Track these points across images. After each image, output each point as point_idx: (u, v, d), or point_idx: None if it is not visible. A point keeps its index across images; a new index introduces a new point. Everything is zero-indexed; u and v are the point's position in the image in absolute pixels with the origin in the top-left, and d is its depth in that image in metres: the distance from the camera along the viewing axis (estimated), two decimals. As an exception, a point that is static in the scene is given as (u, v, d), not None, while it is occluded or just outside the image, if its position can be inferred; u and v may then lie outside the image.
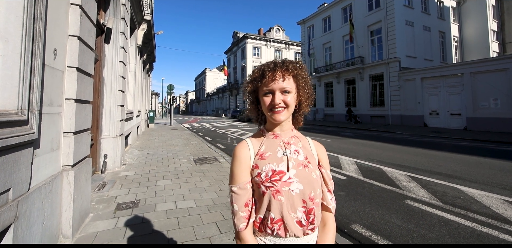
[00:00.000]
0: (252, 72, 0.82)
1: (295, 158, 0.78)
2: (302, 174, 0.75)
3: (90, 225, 2.22)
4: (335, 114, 19.32)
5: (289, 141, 0.81)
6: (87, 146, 2.46)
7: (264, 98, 0.77)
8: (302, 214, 0.73)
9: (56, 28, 1.86)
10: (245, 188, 0.74)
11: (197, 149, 6.51)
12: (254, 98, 0.83)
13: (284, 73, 0.76)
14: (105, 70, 4.24)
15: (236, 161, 0.77)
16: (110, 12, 4.39)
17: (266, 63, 0.80)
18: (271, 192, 0.72)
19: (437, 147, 6.92)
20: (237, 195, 0.73)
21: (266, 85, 0.76)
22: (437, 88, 12.80)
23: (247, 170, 0.76)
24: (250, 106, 0.86)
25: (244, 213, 0.73)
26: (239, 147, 0.80)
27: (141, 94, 10.48)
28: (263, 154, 0.78)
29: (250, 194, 0.75)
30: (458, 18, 18.83)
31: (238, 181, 0.75)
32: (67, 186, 1.97)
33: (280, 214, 0.71)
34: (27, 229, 1.43)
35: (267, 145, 0.80)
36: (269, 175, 0.73)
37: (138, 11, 7.07)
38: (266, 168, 0.75)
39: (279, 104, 0.74)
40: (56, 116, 1.91)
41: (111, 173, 3.98)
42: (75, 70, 2.13)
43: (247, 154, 0.78)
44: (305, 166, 0.77)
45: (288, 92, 0.76)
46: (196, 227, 2.23)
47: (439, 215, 2.61)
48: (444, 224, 2.43)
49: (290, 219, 0.71)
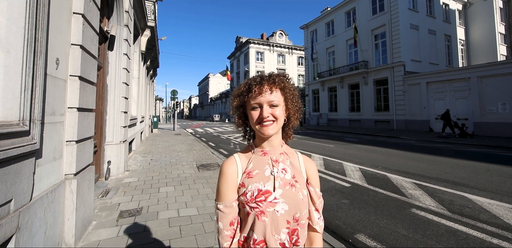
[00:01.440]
0: (238, 86, 0.81)
1: (282, 177, 0.75)
2: (289, 194, 0.73)
3: (92, 233, 2.22)
4: (339, 119, 19.20)
5: (277, 159, 0.78)
6: (90, 154, 2.48)
7: (252, 112, 0.75)
8: (286, 236, 0.71)
9: (58, 38, 1.90)
10: (231, 206, 0.73)
11: (200, 155, 6.51)
12: (241, 113, 0.81)
13: (271, 86, 0.75)
14: (108, 77, 4.31)
15: (223, 178, 0.76)
16: (113, 19, 4.49)
17: (252, 77, 0.79)
18: (255, 213, 0.70)
19: (443, 153, 6.78)
20: (222, 213, 0.72)
21: (253, 99, 0.74)
22: (443, 92, 12.64)
23: (233, 188, 0.75)
24: (237, 122, 0.83)
25: (229, 232, 0.72)
26: (227, 164, 0.78)
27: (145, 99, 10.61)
28: (250, 172, 0.76)
29: (235, 213, 0.74)
30: (464, 21, 18.71)
31: (224, 199, 0.73)
32: (70, 194, 1.98)
33: (263, 235, 0.70)
34: (29, 239, 1.43)
35: (255, 162, 0.78)
36: (255, 194, 0.71)
37: (141, 17, 7.23)
38: (252, 187, 0.73)
39: (268, 117, 0.72)
40: (59, 125, 1.93)
41: (115, 179, 3.99)
42: (77, 79, 2.16)
43: (234, 171, 0.76)
44: (292, 186, 0.74)
45: (276, 105, 0.74)
46: (198, 236, 2.20)
47: (447, 225, 2.53)
48: (452, 234, 2.35)
49: (273, 241, 0.69)
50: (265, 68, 33.00)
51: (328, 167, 5.22)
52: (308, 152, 6.98)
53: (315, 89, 22.46)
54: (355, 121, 17.74)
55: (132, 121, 5.94)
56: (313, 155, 6.61)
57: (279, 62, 34.31)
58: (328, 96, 20.70)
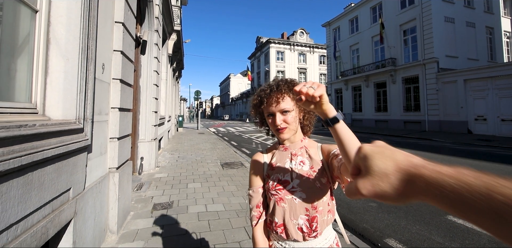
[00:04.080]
0: (253, 97, 0.92)
1: (299, 168, 0.84)
2: (306, 184, 0.81)
3: (131, 223, 2.43)
4: (364, 119, 18.37)
5: (296, 153, 0.87)
6: (128, 150, 2.71)
7: (268, 119, 0.86)
8: (305, 222, 0.79)
9: (103, 45, 2.11)
10: (257, 192, 0.87)
11: (224, 154, 6.69)
12: (261, 118, 0.93)
13: (279, 96, 0.82)
14: (141, 79, 4.63)
15: (252, 168, 0.92)
16: (145, 25, 4.82)
17: (262, 87, 0.89)
18: (275, 199, 0.82)
19: (484, 157, 6.18)
20: (251, 197, 0.88)
21: (266, 109, 0.85)
22: (484, 90, 11.48)
23: (259, 177, 0.89)
24: (260, 125, 0.96)
25: (256, 213, 0.86)
26: (255, 157, 0.94)
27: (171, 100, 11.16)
28: (273, 165, 0.88)
29: (261, 197, 0.87)
30: (510, 11, 16.78)
31: (252, 185, 0.89)
32: (113, 186, 2.19)
33: (282, 220, 0.80)
34: (83, 223, 1.62)
35: (277, 157, 0.90)
36: (275, 184, 0.83)
37: (168, 22, 7.63)
38: (274, 177, 0.85)
39: (281, 125, 0.81)
40: (104, 123, 2.15)
41: (147, 174, 4.29)
42: (119, 82, 2.38)
43: (260, 163, 0.91)
44: (309, 176, 0.82)
45: (288, 111, 0.82)
46: (226, 231, 2.30)
47: (489, 235, 2.32)
48: (495, 245, 2.16)
49: (292, 225, 0.79)
50: (285, 67, 32.72)
51: (353, 168, 5.05)
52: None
53: (338, 89, 21.75)
54: (382, 121, 16.84)
55: (161, 120, 6.30)
56: (336, 156, 6.44)
57: (300, 61, 33.79)
58: (352, 95, 19.91)
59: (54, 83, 1.54)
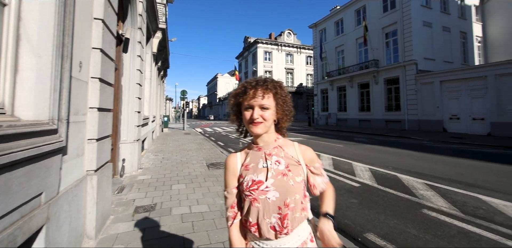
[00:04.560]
0: (236, 87, 0.90)
1: (275, 168, 0.85)
2: (280, 183, 0.82)
3: (111, 227, 2.35)
4: (348, 118, 18.93)
5: (271, 153, 0.88)
6: (108, 152, 2.61)
7: (245, 112, 0.85)
8: (277, 220, 0.80)
9: (81, 42, 2.03)
10: (231, 193, 0.88)
11: (210, 154, 6.63)
12: (237, 110, 0.91)
13: (264, 91, 0.84)
14: (123, 78, 4.48)
15: (226, 169, 0.92)
16: (128, 22, 4.67)
17: (248, 79, 0.89)
18: (249, 200, 0.83)
19: (457, 154, 6.59)
20: (226, 198, 0.89)
21: (247, 101, 0.84)
22: (458, 91, 12.23)
23: (234, 177, 0.89)
24: (232, 118, 0.94)
25: (231, 213, 0.87)
26: (229, 158, 0.93)
27: (156, 100, 10.88)
28: (247, 165, 0.88)
29: (235, 198, 0.88)
30: (481, 17, 17.96)
31: (227, 186, 0.90)
32: (91, 189, 2.11)
33: (256, 219, 0.82)
34: (57, 229, 1.55)
35: (251, 157, 0.90)
36: (249, 184, 0.83)
37: (153, 20, 7.44)
38: (247, 178, 0.85)
39: (257, 119, 0.82)
40: (81, 124, 2.06)
41: (129, 176, 4.16)
42: (98, 81, 2.29)
43: (234, 164, 0.91)
44: (284, 175, 0.83)
45: (267, 108, 0.83)
46: (210, 232, 2.29)
47: (459, 226, 2.50)
48: (464, 236, 2.32)
49: (265, 224, 0.80)
50: (273, 67, 32.95)
51: (337, 167, 5.20)
52: (317, 152, 6.96)
53: (324, 89, 22.24)
54: (365, 121, 17.44)
55: (144, 121, 6.13)
56: (322, 155, 6.59)
57: (287, 62, 34.17)
58: (337, 95, 20.45)
59: (25, 81, 1.45)
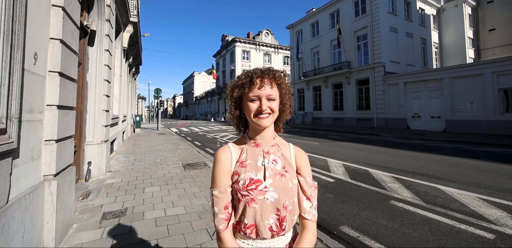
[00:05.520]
0: (238, 77, 0.82)
1: (272, 167, 0.80)
2: (278, 184, 0.77)
3: (74, 237, 2.13)
4: (323, 117, 19.72)
5: (269, 151, 0.83)
6: (70, 154, 2.38)
7: (250, 103, 0.77)
8: (275, 221, 0.76)
9: (37, 31, 1.80)
10: (225, 192, 0.78)
11: (186, 154, 6.41)
12: (237, 104, 0.83)
13: (271, 81, 0.78)
14: (88, 74, 4.12)
15: (218, 165, 0.80)
16: (94, 13, 4.30)
17: (253, 69, 0.82)
18: (246, 200, 0.76)
19: (419, 149, 7.23)
20: (217, 198, 0.77)
21: (253, 91, 0.76)
22: (419, 92, 13.41)
23: (227, 174, 0.79)
24: (233, 112, 0.85)
25: (224, 215, 0.77)
26: (221, 151, 0.82)
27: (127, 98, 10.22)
28: (244, 162, 0.81)
29: (229, 197, 0.79)
30: (438, 26, 19.92)
31: (218, 185, 0.78)
32: (49, 196, 1.89)
33: (253, 220, 0.76)
34: (6, 244, 1.36)
35: (248, 153, 0.82)
36: (246, 183, 0.76)
37: (123, 12, 6.95)
38: (245, 176, 0.77)
39: (266, 110, 0.76)
40: (37, 123, 1.84)
41: (96, 181, 3.84)
42: (57, 75, 2.06)
43: (228, 159, 0.81)
44: (282, 175, 0.79)
45: (273, 99, 0.78)
46: (186, 235, 2.20)
47: (422, 214, 2.73)
48: (426, 222, 2.54)
49: (263, 226, 0.75)
50: (251, 67, 32.94)
51: (313, 163, 5.38)
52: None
53: (301, 88, 22.85)
54: (339, 119, 18.32)
55: (113, 120, 5.71)
56: (299, 152, 6.75)
57: (265, 62, 34.45)
58: (313, 95, 21.16)
59: (-38, 74, 1.25)
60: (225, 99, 13.67)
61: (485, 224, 2.48)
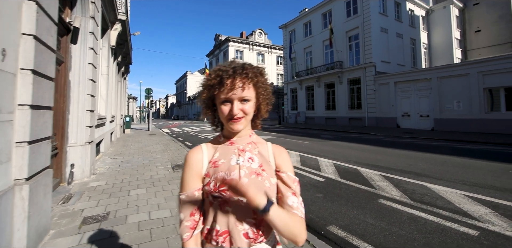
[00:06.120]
0: (209, 76, 0.74)
1: (248, 166, 0.74)
2: (254, 183, 0.70)
3: (49, 243, 2.03)
4: (316, 117, 19.84)
5: (244, 148, 0.77)
6: (46, 157, 2.26)
7: (221, 106, 0.71)
8: (251, 226, 0.69)
9: (5, 26, 1.70)
10: (193, 196, 0.71)
11: (176, 155, 6.30)
12: (210, 103, 0.77)
13: (244, 81, 0.70)
14: (71, 72, 3.97)
15: (187, 167, 0.74)
16: (77, 10, 4.14)
17: (222, 66, 0.73)
18: (218, 203, 0.69)
19: (408, 147, 7.34)
20: (184, 203, 0.70)
21: (224, 94, 0.70)
22: (408, 91, 13.66)
23: (197, 177, 0.73)
24: (205, 112, 0.79)
25: (189, 223, 0.70)
26: (192, 152, 0.76)
27: (116, 98, 9.98)
28: (216, 162, 0.75)
29: (198, 203, 0.72)
30: (427, 27, 20.34)
31: (186, 188, 0.72)
32: (20, 202, 1.78)
33: (226, 226, 0.69)
34: (-36, 254, 1.26)
35: (221, 152, 0.77)
36: (218, 184, 0.69)
37: (111, 10, 6.76)
38: (217, 176, 0.71)
39: (238, 114, 0.70)
40: (6, 124, 1.73)
41: (79, 184, 3.70)
42: (30, 73, 1.95)
43: (199, 160, 0.75)
44: (258, 175, 0.73)
45: (248, 100, 0.71)
46: (170, 239, 2.13)
47: (409, 212, 2.74)
48: (413, 220, 2.55)
49: (237, 232, 0.68)
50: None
51: (304, 163, 5.37)
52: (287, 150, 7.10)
53: (293, 88, 22.93)
54: (331, 118, 18.47)
55: (100, 121, 5.55)
56: (290, 152, 6.74)
57: (259, 61, 34.41)
58: (306, 94, 21.26)
59: None
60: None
61: (470, 221, 2.51)
